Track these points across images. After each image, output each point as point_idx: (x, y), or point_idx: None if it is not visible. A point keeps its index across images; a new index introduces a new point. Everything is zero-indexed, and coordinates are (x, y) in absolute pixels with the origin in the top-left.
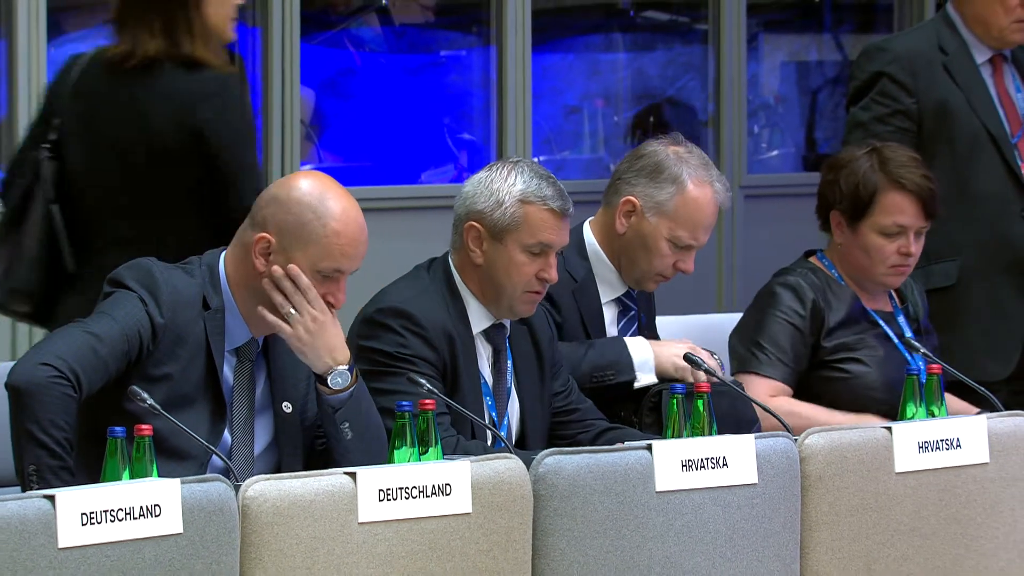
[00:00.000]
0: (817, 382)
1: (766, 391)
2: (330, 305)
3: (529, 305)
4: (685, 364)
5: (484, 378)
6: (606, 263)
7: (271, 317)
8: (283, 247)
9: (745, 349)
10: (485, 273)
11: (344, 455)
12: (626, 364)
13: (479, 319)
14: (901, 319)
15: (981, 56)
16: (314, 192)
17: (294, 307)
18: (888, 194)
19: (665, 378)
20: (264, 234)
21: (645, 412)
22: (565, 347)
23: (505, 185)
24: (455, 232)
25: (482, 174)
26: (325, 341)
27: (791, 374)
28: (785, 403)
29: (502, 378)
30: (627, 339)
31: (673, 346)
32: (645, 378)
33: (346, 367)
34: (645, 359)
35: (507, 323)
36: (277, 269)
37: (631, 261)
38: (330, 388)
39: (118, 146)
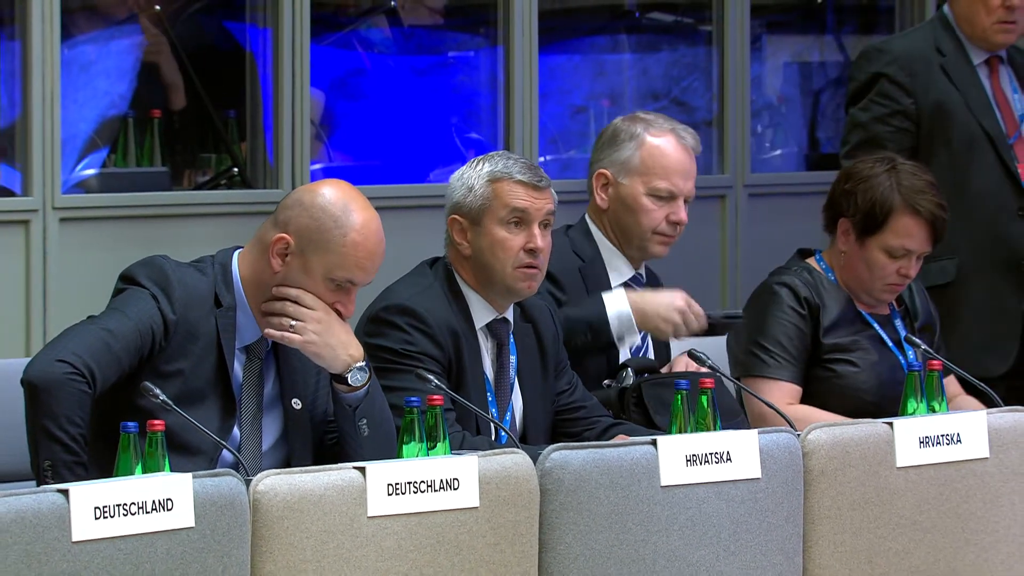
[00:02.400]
0: (809, 381)
1: (781, 397)
2: (339, 314)
3: (525, 282)
4: (675, 319)
5: (486, 374)
6: (609, 246)
7: (278, 333)
8: (300, 250)
9: (748, 352)
10: (475, 261)
11: (357, 451)
12: (601, 319)
13: (481, 314)
14: (898, 322)
15: (977, 57)
16: (338, 201)
17: (294, 317)
18: (902, 218)
19: (653, 334)
20: (284, 235)
21: (631, 409)
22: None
23: (475, 172)
24: (445, 231)
25: (459, 170)
26: (336, 339)
27: (799, 373)
28: (802, 411)
29: (504, 373)
30: (604, 293)
31: (661, 297)
32: (628, 339)
33: (363, 363)
34: (620, 310)
35: (510, 317)
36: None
37: (625, 231)
38: (349, 386)
39: None
